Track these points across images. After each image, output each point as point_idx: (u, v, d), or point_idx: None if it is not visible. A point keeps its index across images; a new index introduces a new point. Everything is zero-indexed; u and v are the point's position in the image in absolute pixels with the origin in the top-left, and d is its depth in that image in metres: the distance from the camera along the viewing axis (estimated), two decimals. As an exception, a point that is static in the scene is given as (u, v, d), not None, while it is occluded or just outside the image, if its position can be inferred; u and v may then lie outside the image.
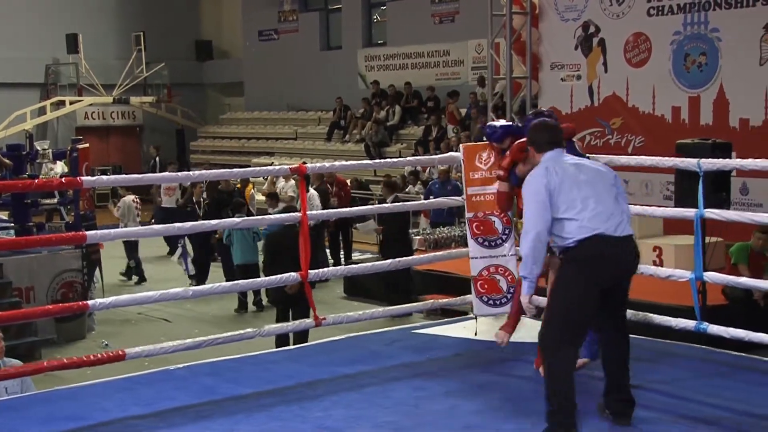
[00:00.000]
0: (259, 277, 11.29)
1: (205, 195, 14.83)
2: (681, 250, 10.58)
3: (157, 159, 20.87)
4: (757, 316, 8.37)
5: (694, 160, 6.10)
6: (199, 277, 13.10)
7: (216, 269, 13.52)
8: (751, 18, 11.09)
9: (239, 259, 11.99)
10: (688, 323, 6.06)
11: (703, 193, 5.91)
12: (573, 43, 12.95)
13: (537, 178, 4.69)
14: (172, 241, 16.59)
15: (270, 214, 11.49)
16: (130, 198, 14.48)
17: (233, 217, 10.79)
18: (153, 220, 19.35)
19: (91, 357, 5.77)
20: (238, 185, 15.24)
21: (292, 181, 14.53)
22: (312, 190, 13.60)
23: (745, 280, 6.37)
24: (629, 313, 6.75)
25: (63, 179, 6.83)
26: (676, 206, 7.24)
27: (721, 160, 6.43)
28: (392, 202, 12.14)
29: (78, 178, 6.71)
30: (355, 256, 14.60)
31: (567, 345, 4.63)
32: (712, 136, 8.58)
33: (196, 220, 11.50)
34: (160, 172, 18.93)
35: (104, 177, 6.55)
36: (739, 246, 9.36)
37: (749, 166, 6.11)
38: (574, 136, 6.01)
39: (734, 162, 6.43)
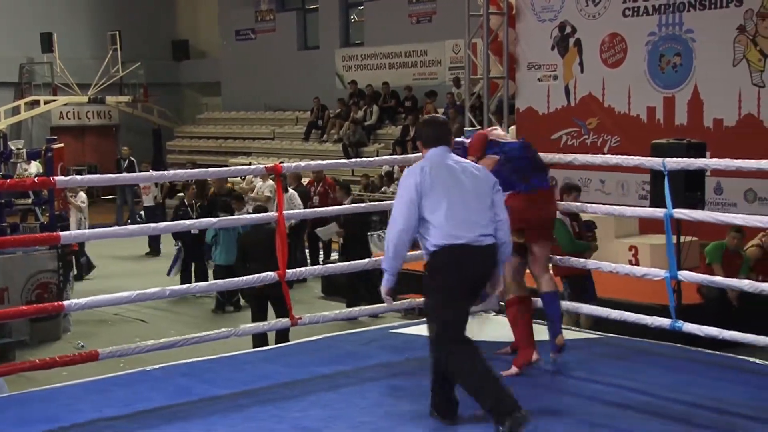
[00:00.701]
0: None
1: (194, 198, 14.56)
2: (656, 249, 10.66)
3: (132, 159, 20.71)
4: (730, 316, 8.44)
5: (659, 160, 6.14)
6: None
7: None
8: (725, 19, 11.18)
9: (222, 260, 11.99)
10: (664, 321, 6.10)
11: (671, 192, 5.94)
12: (549, 43, 13.00)
13: (411, 176, 4.72)
14: (154, 239, 16.56)
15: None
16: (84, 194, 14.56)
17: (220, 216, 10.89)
18: (129, 221, 19.34)
19: (65, 357, 5.73)
20: (230, 184, 14.98)
21: (270, 182, 14.49)
22: (291, 190, 13.58)
23: (719, 279, 6.42)
24: (605, 311, 6.81)
25: (36, 179, 6.77)
26: (651, 206, 7.29)
27: (685, 159, 6.47)
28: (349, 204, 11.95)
29: (51, 178, 6.65)
30: (333, 256, 14.58)
31: (458, 344, 4.65)
32: (687, 136, 8.65)
33: None
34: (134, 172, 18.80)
35: (78, 177, 6.52)
36: (713, 246, 9.42)
37: (713, 166, 6.16)
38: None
39: (698, 161, 6.46)
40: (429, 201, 4.66)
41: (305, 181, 14.90)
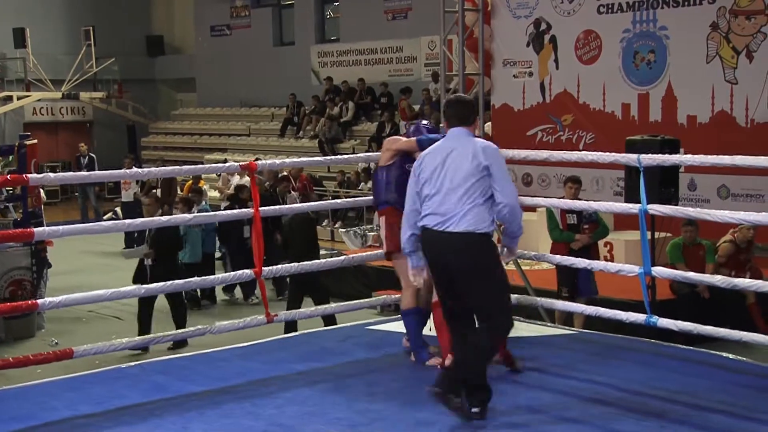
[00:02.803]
0: (205, 274, 11.57)
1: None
2: (631, 245, 10.72)
3: (92, 155, 20.41)
4: (702, 310, 8.52)
5: (634, 156, 6.19)
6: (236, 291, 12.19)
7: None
8: (698, 16, 11.25)
9: (190, 258, 11.91)
10: (639, 317, 6.14)
11: (645, 188, 5.99)
12: (525, 39, 13.02)
13: (418, 159, 5.08)
14: (131, 234, 16.42)
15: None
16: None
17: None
18: (105, 216, 19.23)
19: (39, 355, 5.70)
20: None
21: (247, 177, 14.43)
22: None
23: (692, 275, 6.47)
24: (579, 307, 6.84)
25: (8, 176, 6.72)
26: (625, 202, 7.33)
27: (659, 155, 6.52)
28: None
29: (24, 176, 6.60)
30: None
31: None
32: (661, 133, 8.70)
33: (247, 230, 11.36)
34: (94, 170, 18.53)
35: (51, 174, 6.46)
36: (671, 245, 9.47)
37: (688, 162, 6.23)
38: None
39: (673, 157, 6.51)
40: (423, 185, 4.92)
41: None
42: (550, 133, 12.92)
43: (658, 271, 6.17)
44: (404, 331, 6.84)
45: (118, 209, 18.46)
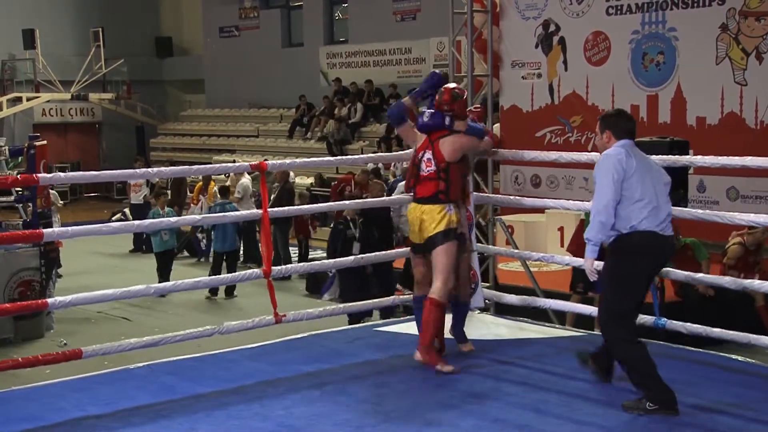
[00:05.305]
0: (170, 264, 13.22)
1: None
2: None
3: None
4: (710, 313, 8.50)
5: None
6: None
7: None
8: (708, 17, 11.22)
9: (158, 248, 13.17)
10: (647, 319, 6.13)
11: None
12: (533, 41, 13.02)
13: (612, 159, 5.04)
14: (140, 236, 16.47)
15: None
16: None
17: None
18: (113, 218, 19.27)
19: (48, 355, 5.71)
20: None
21: (243, 179, 14.72)
22: (245, 178, 14.58)
23: (700, 277, 6.46)
24: (587, 309, 6.82)
25: (18, 176, 6.74)
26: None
27: (669, 157, 6.51)
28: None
29: (34, 176, 6.62)
30: (318, 253, 14.59)
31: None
32: (670, 134, 8.67)
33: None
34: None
35: (61, 174, 6.47)
36: None
37: (698, 163, 6.22)
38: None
39: (682, 159, 6.50)
40: (630, 184, 4.99)
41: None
42: (558, 135, 12.91)
43: (668, 273, 6.14)
44: (411, 332, 6.86)
45: (126, 210, 18.51)
